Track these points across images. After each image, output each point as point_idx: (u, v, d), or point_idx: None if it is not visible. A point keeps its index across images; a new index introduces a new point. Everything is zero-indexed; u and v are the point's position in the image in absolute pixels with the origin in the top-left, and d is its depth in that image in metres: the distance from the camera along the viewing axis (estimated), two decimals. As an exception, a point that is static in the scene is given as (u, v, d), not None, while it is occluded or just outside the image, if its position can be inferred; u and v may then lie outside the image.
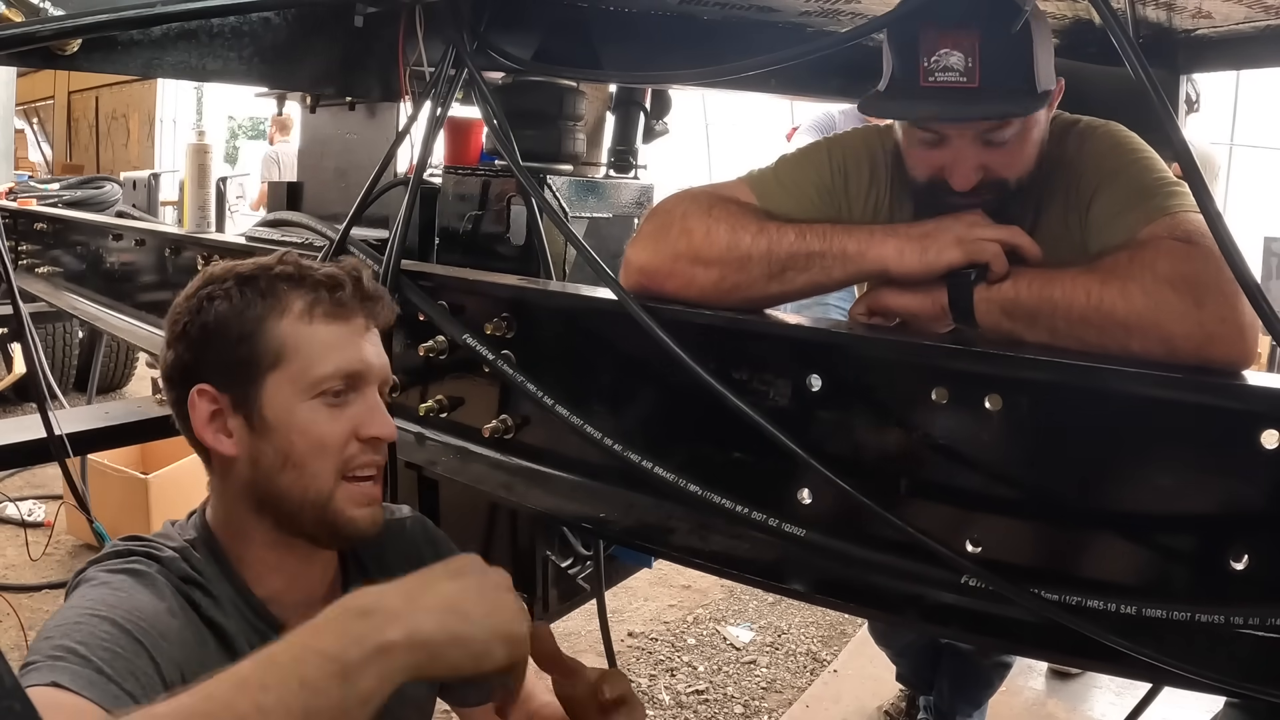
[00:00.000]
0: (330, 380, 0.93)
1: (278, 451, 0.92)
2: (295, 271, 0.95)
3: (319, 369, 0.92)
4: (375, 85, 1.60)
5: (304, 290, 0.94)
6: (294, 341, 0.92)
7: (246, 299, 0.93)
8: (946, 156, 1.05)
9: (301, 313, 0.93)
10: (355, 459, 0.94)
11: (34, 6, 1.11)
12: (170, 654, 0.80)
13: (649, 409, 1.13)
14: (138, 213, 3.09)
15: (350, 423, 0.94)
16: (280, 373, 0.92)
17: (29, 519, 3.52)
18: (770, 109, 7.44)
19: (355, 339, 0.96)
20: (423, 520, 1.15)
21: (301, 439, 0.92)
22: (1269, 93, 6.26)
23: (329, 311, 0.94)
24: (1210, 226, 0.80)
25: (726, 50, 1.73)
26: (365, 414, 0.95)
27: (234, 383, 0.92)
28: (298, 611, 0.96)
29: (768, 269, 1.03)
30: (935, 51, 0.98)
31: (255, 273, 0.95)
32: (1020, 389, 0.87)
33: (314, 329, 0.93)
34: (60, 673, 0.72)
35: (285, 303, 0.93)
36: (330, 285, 0.95)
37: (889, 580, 0.94)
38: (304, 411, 0.92)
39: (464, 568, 0.76)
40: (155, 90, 8.77)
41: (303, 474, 0.92)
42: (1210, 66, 1.63)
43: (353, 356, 0.94)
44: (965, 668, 2.36)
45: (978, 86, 0.98)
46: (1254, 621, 0.77)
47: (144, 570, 0.87)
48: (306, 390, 0.92)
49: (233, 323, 0.93)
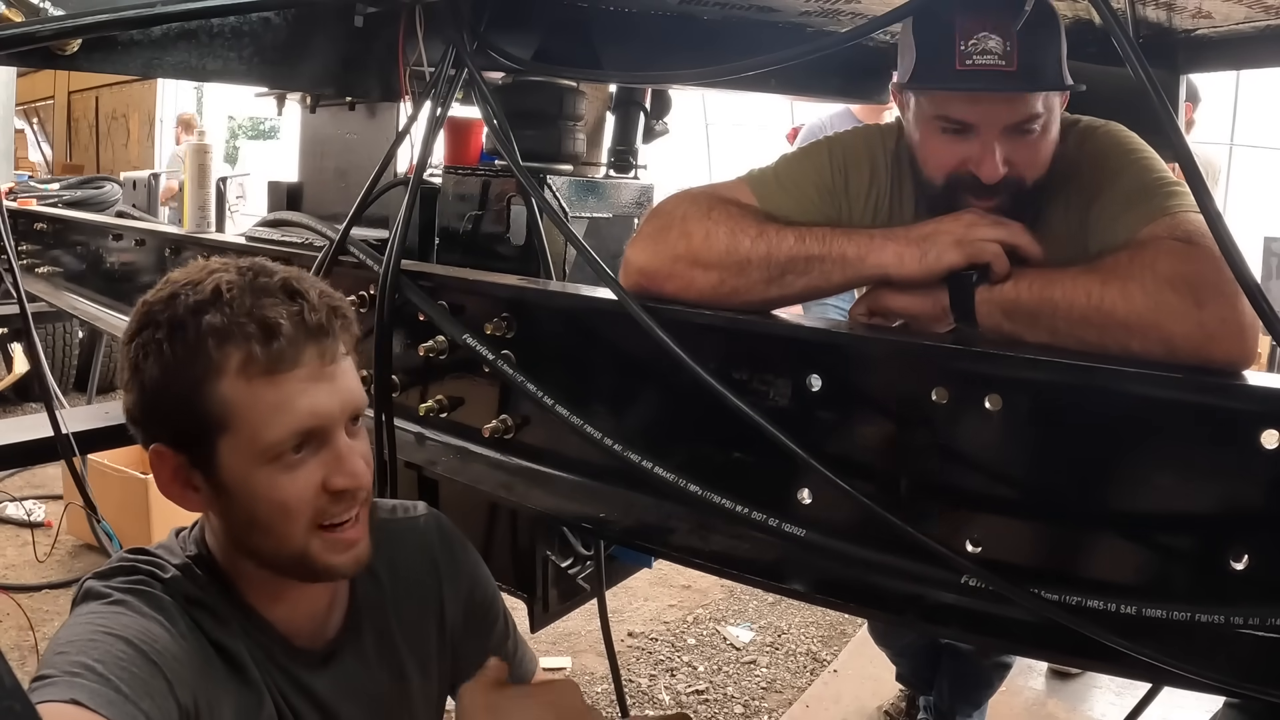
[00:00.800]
0: (281, 445, 0.83)
1: (243, 513, 0.86)
2: (224, 321, 0.82)
3: (267, 435, 0.83)
4: (375, 85, 1.60)
5: (235, 344, 0.82)
6: (236, 405, 0.82)
7: (178, 357, 0.83)
8: (973, 148, 1.05)
9: (238, 371, 0.82)
10: (327, 511, 0.87)
11: (34, 6, 1.11)
12: (182, 676, 0.80)
13: (649, 409, 1.13)
14: (138, 213, 3.09)
15: (316, 475, 0.86)
16: (230, 437, 0.83)
17: (29, 519, 3.52)
18: (770, 109, 7.44)
19: (306, 389, 0.84)
20: (437, 519, 1.13)
21: (264, 505, 0.85)
22: (1269, 93, 6.26)
23: (268, 367, 0.82)
24: (1210, 227, 0.80)
25: (726, 50, 1.73)
26: (332, 464, 0.86)
27: (186, 445, 0.85)
28: (304, 625, 0.96)
29: (767, 273, 1.03)
30: (974, 35, 0.99)
31: (185, 319, 0.83)
32: (1020, 389, 0.87)
33: (255, 389, 0.82)
34: (79, 690, 0.72)
35: (217, 361, 0.82)
36: (263, 335, 0.82)
37: (889, 580, 0.94)
38: (261, 477, 0.84)
39: None
40: (155, 90, 8.76)
41: (270, 536, 0.86)
42: (1210, 66, 1.63)
43: (303, 414, 0.84)
44: (965, 668, 2.36)
45: (1015, 70, 0.99)
46: (1254, 621, 0.77)
47: (150, 592, 0.85)
48: (259, 458, 0.83)
49: (170, 384, 0.83)
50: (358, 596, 1.02)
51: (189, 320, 0.83)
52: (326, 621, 0.99)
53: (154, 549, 0.93)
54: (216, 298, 0.84)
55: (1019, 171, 1.05)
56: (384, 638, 1.03)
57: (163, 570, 0.88)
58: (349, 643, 1.00)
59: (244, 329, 0.82)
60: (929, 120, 1.09)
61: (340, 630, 0.99)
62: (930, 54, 1.04)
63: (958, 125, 1.06)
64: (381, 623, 1.03)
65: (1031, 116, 1.04)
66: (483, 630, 1.13)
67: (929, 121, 1.09)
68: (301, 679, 0.94)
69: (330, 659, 0.97)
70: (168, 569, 0.89)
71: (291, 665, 0.93)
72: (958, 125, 1.06)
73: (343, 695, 0.97)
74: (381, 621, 1.03)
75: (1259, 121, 6.51)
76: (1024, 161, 1.06)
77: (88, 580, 0.88)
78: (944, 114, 1.06)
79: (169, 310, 0.85)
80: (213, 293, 0.84)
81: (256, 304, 0.83)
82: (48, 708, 0.70)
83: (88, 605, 0.84)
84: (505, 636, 1.15)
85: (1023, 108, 1.03)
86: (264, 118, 12.51)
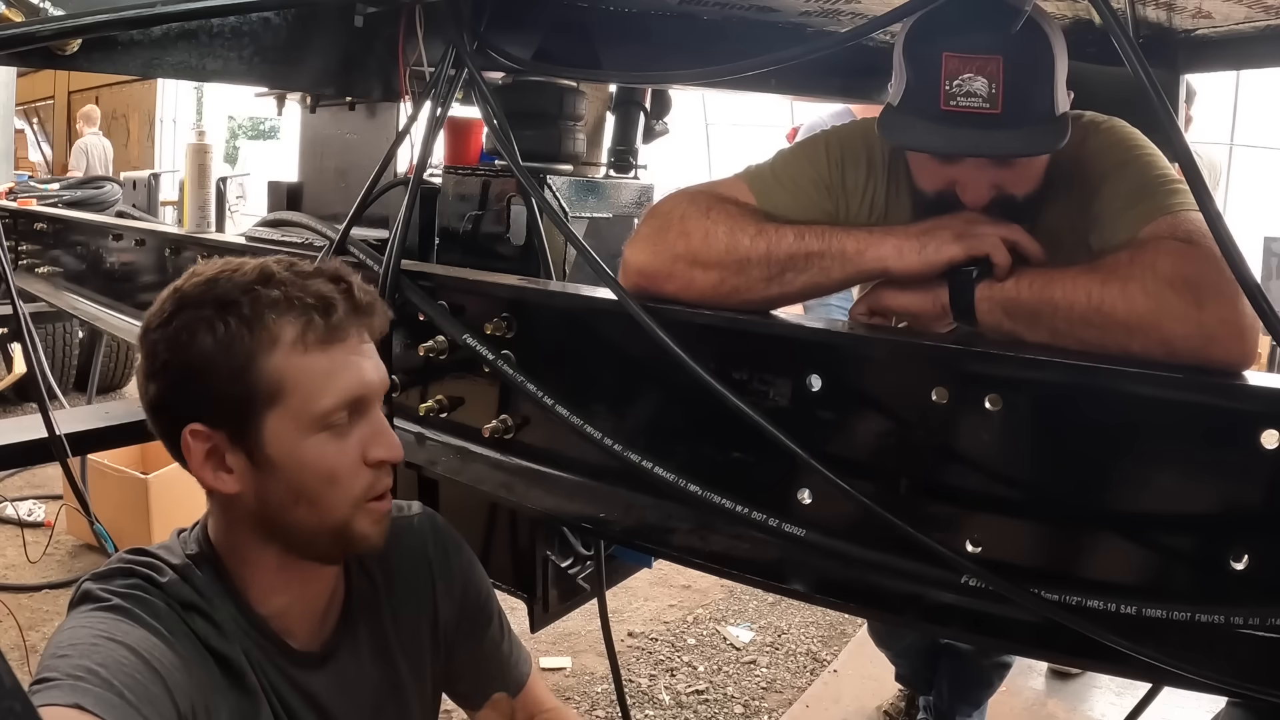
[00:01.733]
0: (334, 412, 0.88)
1: (288, 488, 0.88)
2: (282, 295, 0.87)
3: (322, 402, 0.87)
4: (375, 85, 1.60)
5: (293, 316, 0.86)
6: (291, 375, 0.86)
7: (231, 331, 0.85)
8: (958, 173, 1.04)
9: (294, 342, 0.86)
10: (370, 485, 0.91)
11: (34, 6, 1.11)
12: (181, 683, 0.80)
13: (649, 409, 1.13)
14: (138, 213, 3.09)
15: (358, 448, 0.90)
16: (280, 409, 0.86)
17: (29, 519, 3.52)
18: (770, 109, 7.44)
19: (353, 360, 0.90)
20: (432, 517, 1.14)
21: (312, 475, 0.88)
22: (1269, 93, 6.26)
23: (323, 337, 0.87)
24: (1210, 227, 0.80)
25: (726, 50, 1.73)
26: (371, 437, 0.91)
27: (229, 421, 0.86)
28: (301, 624, 0.96)
29: (767, 271, 1.03)
30: (959, 75, 0.96)
31: (236, 296, 0.86)
32: (1020, 389, 0.87)
33: (310, 359, 0.87)
34: (83, 695, 0.72)
35: (275, 332, 0.85)
36: (322, 308, 0.87)
37: (889, 580, 0.94)
38: (311, 446, 0.87)
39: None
40: (155, 90, 8.77)
41: (316, 507, 0.89)
42: (1210, 66, 1.62)
43: (354, 381, 0.89)
44: (964, 668, 2.36)
45: (1000, 113, 0.96)
46: (1254, 621, 0.77)
47: (148, 598, 0.85)
48: (311, 426, 0.87)
49: (220, 359, 0.85)
50: (353, 596, 1.02)
51: (241, 297, 0.86)
52: (324, 620, 0.99)
53: (154, 549, 0.93)
54: (267, 277, 0.88)
55: (1008, 190, 1.05)
56: (378, 637, 1.03)
57: (160, 574, 0.88)
58: (344, 643, 1.00)
59: (302, 301, 0.87)
60: None
61: (335, 630, 1.00)
62: (915, 83, 1.02)
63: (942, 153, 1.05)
64: (376, 622, 1.03)
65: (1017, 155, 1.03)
66: (476, 630, 1.13)
67: None
68: (298, 680, 0.94)
69: (326, 660, 0.98)
70: (165, 572, 0.89)
71: (289, 667, 0.94)
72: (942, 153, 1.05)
73: (339, 695, 0.97)
74: (376, 621, 1.03)
75: (1259, 121, 6.51)
76: (1013, 181, 1.05)
77: (85, 582, 0.88)
78: None
79: (212, 291, 0.87)
80: (260, 274, 0.89)
81: (308, 282, 0.89)
82: (52, 711, 0.70)
83: (85, 608, 0.84)
84: (499, 637, 1.16)
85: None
86: (264, 118, 12.52)
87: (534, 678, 1.19)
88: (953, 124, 0.98)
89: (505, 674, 1.16)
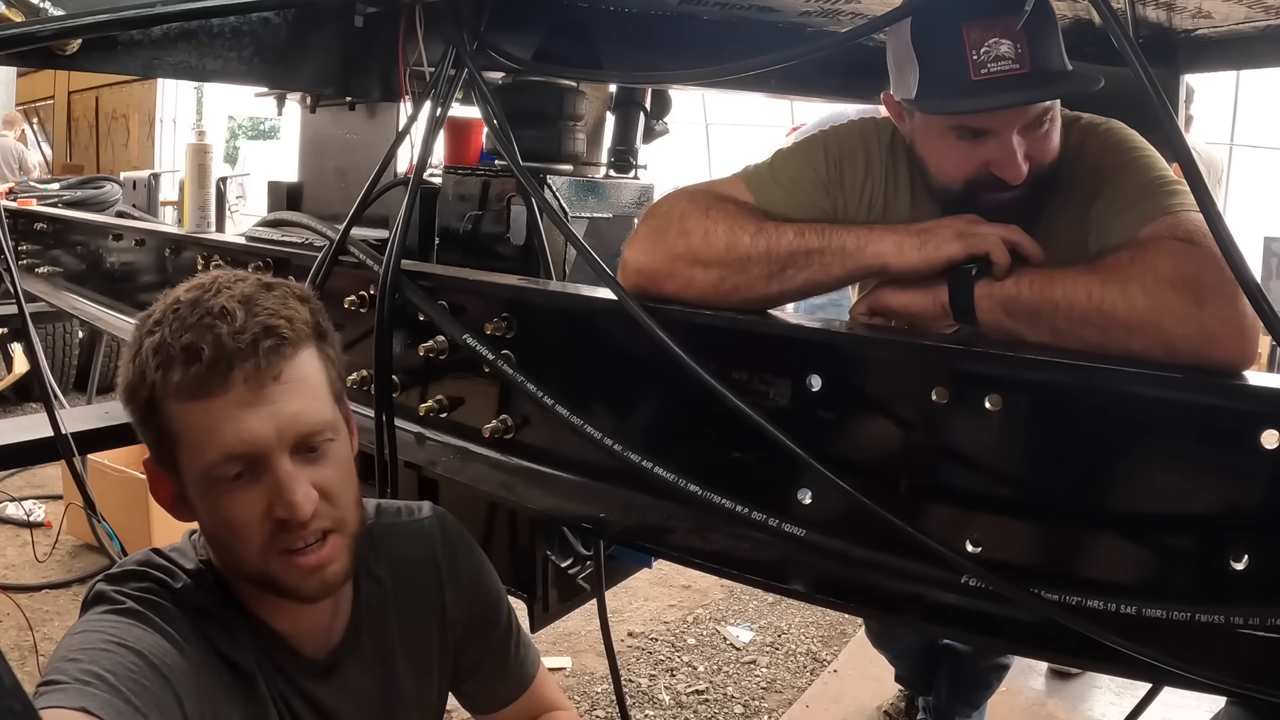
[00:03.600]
0: (218, 467, 0.82)
1: (205, 528, 0.89)
2: (158, 344, 0.82)
3: (202, 458, 0.83)
4: (375, 85, 1.60)
5: (168, 367, 0.82)
6: (177, 425, 0.83)
7: (131, 380, 0.85)
8: (993, 151, 1.05)
9: (176, 392, 0.82)
10: (278, 539, 0.85)
11: (34, 6, 1.11)
12: (191, 690, 0.80)
13: (649, 409, 1.13)
14: (138, 213, 3.08)
15: (261, 500, 0.84)
16: (182, 455, 0.85)
17: (29, 519, 3.52)
18: (770, 109, 7.43)
19: (234, 414, 0.81)
20: (441, 519, 1.12)
21: (217, 524, 0.86)
22: (1269, 93, 6.26)
23: (194, 391, 0.81)
24: (1210, 227, 0.80)
25: (726, 50, 1.73)
26: (273, 493, 0.83)
27: (161, 459, 0.88)
28: (308, 634, 0.96)
29: (767, 269, 1.03)
30: (984, 43, 0.98)
31: (142, 339, 0.85)
32: (1020, 389, 0.87)
33: (188, 410, 0.82)
34: (89, 698, 0.72)
35: (158, 383, 0.82)
36: (186, 358, 0.81)
37: (889, 580, 0.94)
38: (211, 497, 0.84)
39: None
40: (155, 90, 8.76)
41: (231, 553, 0.87)
42: (1210, 66, 1.63)
43: (230, 440, 0.81)
44: (963, 669, 2.36)
45: (1030, 72, 0.98)
46: (1254, 621, 0.77)
47: (161, 603, 0.85)
48: (203, 477, 0.84)
49: (132, 403, 0.86)
50: (360, 602, 1.02)
51: (143, 340, 0.85)
52: (331, 629, 0.99)
53: (168, 552, 0.93)
54: (163, 318, 0.84)
55: (1037, 162, 1.06)
56: (385, 644, 1.03)
57: (174, 579, 0.88)
58: (352, 649, 1.00)
59: (171, 351, 0.82)
60: (943, 130, 1.08)
61: (343, 638, 0.99)
62: (938, 66, 1.02)
63: (974, 130, 1.06)
64: (383, 627, 1.03)
65: (1047, 111, 1.05)
66: (486, 631, 1.13)
67: (943, 131, 1.08)
68: (307, 688, 0.94)
69: (334, 669, 0.97)
70: (179, 578, 0.89)
71: (298, 675, 0.94)
72: (974, 130, 1.06)
73: (346, 703, 0.97)
74: (383, 626, 1.03)
75: (1259, 121, 6.51)
76: (1040, 153, 1.06)
77: (99, 583, 0.88)
78: (961, 123, 1.06)
79: (140, 329, 0.87)
80: (162, 313, 0.85)
81: (186, 326, 0.82)
82: (58, 714, 0.70)
83: (99, 609, 0.84)
84: (508, 637, 1.15)
85: (1039, 106, 1.04)
86: (264, 118, 12.51)
87: (541, 677, 1.19)
88: (989, 91, 0.99)
89: (512, 675, 1.16)
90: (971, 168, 1.07)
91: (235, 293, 0.85)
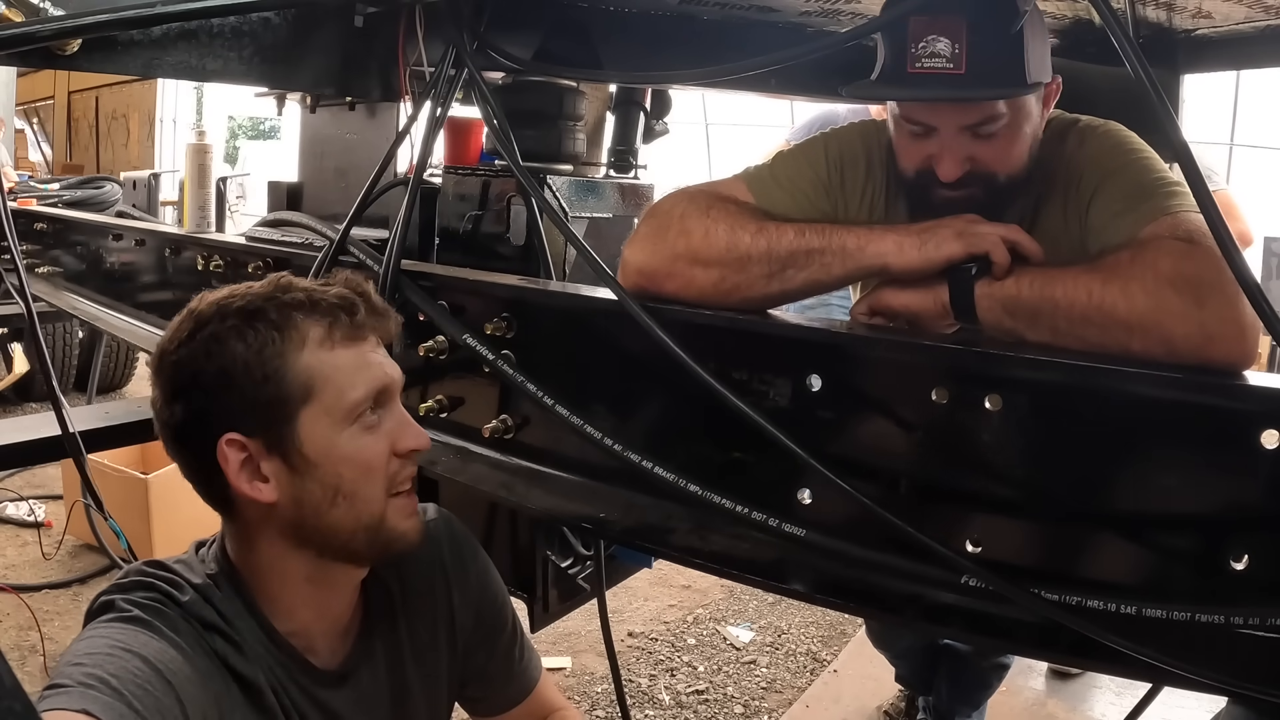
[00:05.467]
0: (364, 403, 0.91)
1: (325, 486, 0.90)
2: (305, 298, 0.91)
3: (352, 395, 0.90)
4: (375, 85, 1.60)
5: (319, 316, 0.91)
6: (321, 372, 0.89)
7: (261, 335, 0.88)
8: (934, 147, 1.07)
9: (321, 340, 0.90)
10: (398, 475, 0.94)
11: (34, 6, 1.11)
12: (196, 699, 0.80)
13: (649, 409, 1.13)
14: (138, 213, 3.08)
15: (387, 440, 0.93)
16: (313, 406, 0.89)
17: (29, 519, 3.52)
18: (770, 109, 7.44)
19: (374, 356, 0.94)
20: (448, 522, 1.13)
21: (349, 468, 0.90)
22: (1269, 93, 6.26)
23: (348, 334, 0.92)
24: (1210, 227, 0.80)
25: (726, 50, 1.73)
26: (398, 429, 0.94)
27: (264, 425, 0.88)
28: (323, 641, 0.96)
29: (767, 268, 1.03)
30: (923, 38, 1.00)
31: (260, 305, 0.90)
32: (1020, 389, 0.87)
33: (336, 355, 0.91)
34: (92, 701, 0.72)
35: (303, 331, 0.90)
36: (346, 308, 0.92)
37: (889, 580, 0.94)
38: (346, 440, 0.90)
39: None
40: (155, 90, 8.77)
41: (354, 502, 0.91)
42: (1210, 66, 1.63)
43: (378, 374, 0.93)
44: (963, 669, 2.36)
45: (964, 73, 0.99)
46: (1254, 621, 0.77)
47: (168, 613, 0.85)
48: (344, 419, 0.90)
49: (253, 363, 0.87)
50: (370, 610, 1.02)
51: (265, 305, 0.90)
52: (344, 636, 0.99)
53: (173, 564, 0.93)
54: (287, 286, 0.92)
55: (986, 167, 1.07)
56: (395, 650, 1.03)
57: (181, 591, 0.88)
58: (362, 656, 1.00)
59: (328, 303, 0.91)
60: (897, 119, 1.12)
61: (355, 646, 1.00)
62: (888, 56, 1.06)
63: (920, 126, 1.08)
64: (392, 635, 1.03)
65: (988, 117, 1.05)
66: (492, 634, 1.13)
67: (897, 120, 1.12)
68: (320, 698, 0.94)
69: (347, 677, 0.98)
70: (186, 590, 0.89)
71: (311, 685, 0.94)
72: (920, 126, 1.08)
73: (359, 712, 0.97)
74: (392, 633, 1.03)
75: (1259, 121, 6.51)
76: (991, 158, 1.07)
77: (106, 593, 0.88)
78: (905, 115, 1.09)
79: (232, 305, 0.90)
80: (278, 285, 0.93)
81: (324, 289, 0.94)
82: (60, 715, 0.71)
83: (104, 618, 0.84)
84: (513, 641, 1.15)
85: (976, 110, 1.04)
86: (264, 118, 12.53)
87: (543, 680, 1.19)
88: (916, 85, 1.02)
89: (517, 678, 1.16)
90: (916, 161, 1.10)
91: (341, 274, 1.00)
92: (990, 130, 1.05)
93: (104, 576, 3.14)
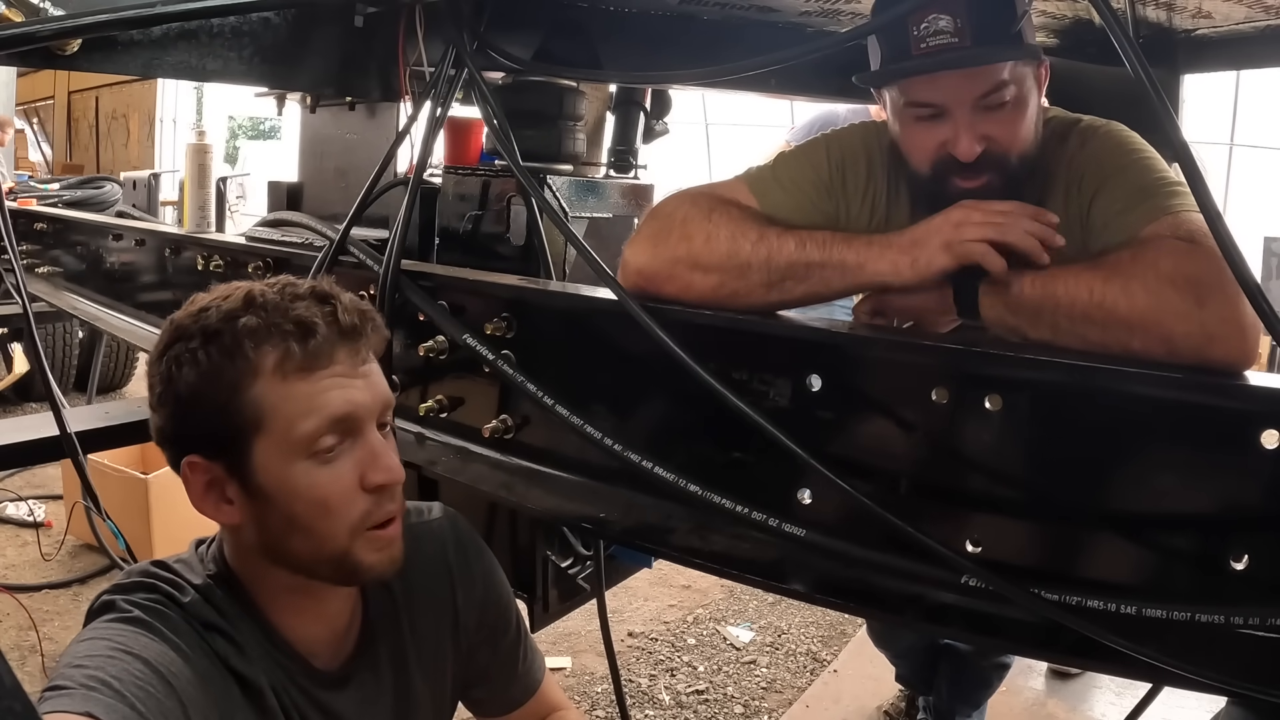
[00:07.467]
0: (317, 437, 0.85)
1: (282, 518, 0.86)
2: (260, 323, 0.85)
3: (302, 428, 0.84)
4: (375, 85, 1.60)
5: (273, 344, 0.85)
6: (271, 403, 0.84)
7: (214, 362, 0.85)
8: (947, 130, 1.07)
9: (274, 370, 0.84)
10: (370, 513, 0.88)
11: (34, 6, 1.11)
12: (198, 701, 0.80)
13: (649, 409, 1.13)
14: (138, 213, 3.08)
15: (353, 473, 0.87)
16: (265, 437, 0.85)
17: (29, 519, 3.52)
18: (770, 109, 7.43)
19: (338, 383, 0.87)
20: (453, 521, 1.12)
21: (303, 504, 0.86)
22: (1269, 93, 6.26)
23: (303, 364, 0.85)
24: (1210, 226, 0.80)
25: (726, 50, 1.73)
26: (367, 460, 0.88)
27: (222, 452, 0.86)
28: (323, 644, 0.96)
29: (767, 278, 1.03)
30: (924, 19, 1.01)
31: (219, 326, 0.86)
32: (1020, 389, 0.87)
33: (290, 386, 0.85)
34: (94, 704, 0.72)
35: (255, 362, 0.84)
36: (300, 334, 0.85)
37: (889, 580, 0.94)
38: (300, 474, 0.85)
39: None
40: (155, 90, 8.77)
41: (311, 537, 0.87)
42: (1210, 66, 1.63)
43: (336, 404, 0.86)
44: (964, 668, 2.36)
45: (969, 45, 1.01)
46: (1254, 621, 0.77)
47: (169, 614, 0.85)
48: (295, 452, 0.85)
49: (205, 391, 0.85)
50: (371, 611, 1.02)
51: (223, 327, 0.85)
52: (345, 639, 0.98)
53: (174, 564, 0.92)
54: (250, 304, 0.87)
55: (1000, 147, 1.07)
56: (398, 652, 1.02)
57: (182, 592, 0.88)
58: (365, 658, 0.99)
59: (280, 328, 0.85)
60: (903, 111, 1.11)
61: (356, 648, 0.99)
62: (889, 46, 1.06)
63: (929, 109, 1.08)
64: (395, 636, 1.03)
65: (997, 86, 1.05)
66: (496, 635, 1.13)
67: (903, 113, 1.11)
68: (322, 700, 0.94)
69: (349, 679, 0.97)
70: (187, 591, 0.88)
71: (312, 688, 0.93)
72: (929, 109, 1.08)
73: (361, 711, 0.97)
74: (395, 634, 1.03)
75: (1259, 121, 6.51)
76: (1002, 135, 1.07)
77: (106, 593, 0.88)
78: (913, 100, 1.09)
79: (200, 322, 0.87)
80: (245, 300, 0.87)
81: (290, 306, 0.87)
82: (62, 718, 0.70)
83: (105, 618, 0.84)
84: (517, 641, 1.15)
85: (985, 79, 1.05)
86: (264, 118, 12.52)
87: (547, 681, 1.19)
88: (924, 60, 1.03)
89: (521, 679, 1.16)
90: (932, 148, 1.09)
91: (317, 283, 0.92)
92: (1000, 99, 1.05)
93: (104, 577, 3.14)
